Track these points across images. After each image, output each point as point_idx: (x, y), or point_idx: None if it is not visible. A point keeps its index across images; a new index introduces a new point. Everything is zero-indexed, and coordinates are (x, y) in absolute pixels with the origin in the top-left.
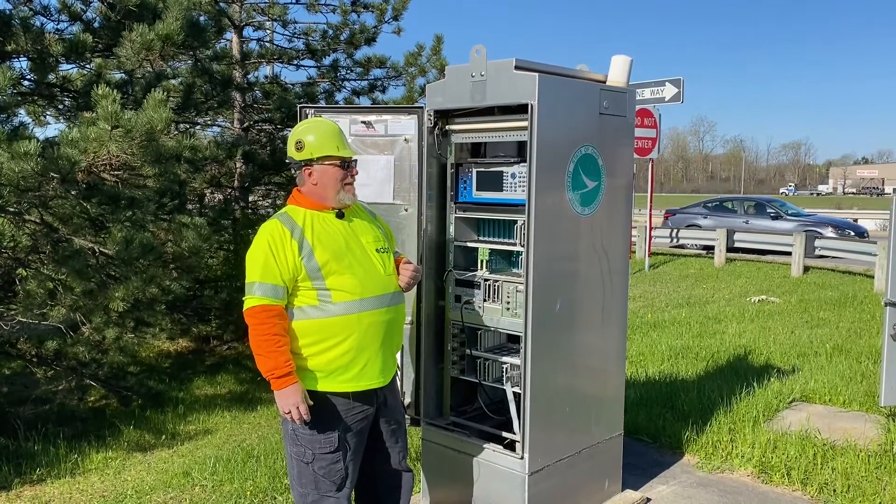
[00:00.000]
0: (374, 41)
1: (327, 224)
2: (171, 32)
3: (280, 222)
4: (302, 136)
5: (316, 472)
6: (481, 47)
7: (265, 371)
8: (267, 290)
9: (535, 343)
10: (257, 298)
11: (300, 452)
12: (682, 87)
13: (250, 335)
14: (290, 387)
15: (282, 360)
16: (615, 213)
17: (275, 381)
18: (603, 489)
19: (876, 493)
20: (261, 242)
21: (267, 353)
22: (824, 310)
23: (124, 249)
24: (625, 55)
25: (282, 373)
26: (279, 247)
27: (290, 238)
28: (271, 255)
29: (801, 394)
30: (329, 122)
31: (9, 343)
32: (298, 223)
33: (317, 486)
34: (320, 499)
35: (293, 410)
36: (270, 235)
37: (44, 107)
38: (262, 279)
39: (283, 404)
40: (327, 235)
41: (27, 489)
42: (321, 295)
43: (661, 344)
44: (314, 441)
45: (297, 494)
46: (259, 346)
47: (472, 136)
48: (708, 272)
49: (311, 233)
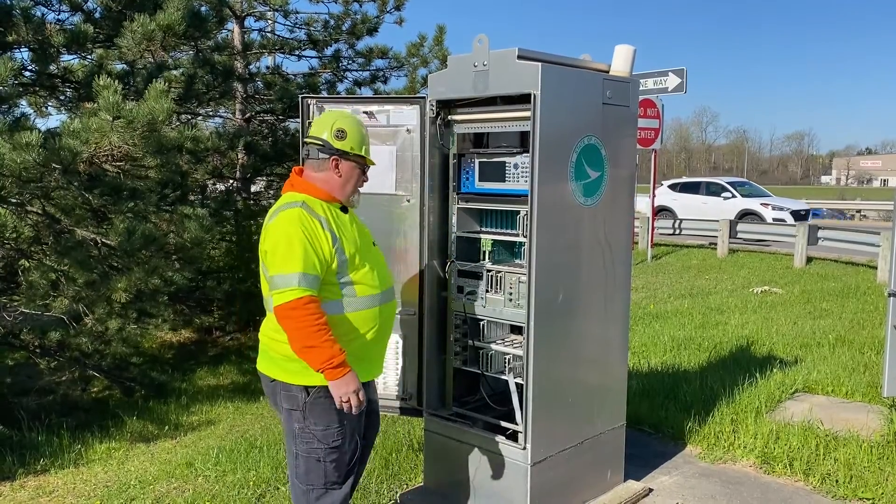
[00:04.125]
0: (376, 31)
1: (340, 217)
2: (172, 23)
3: (305, 212)
4: (346, 126)
5: (326, 468)
6: (484, 37)
7: (320, 362)
8: (311, 281)
9: (537, 333)
10: (303, 289)
11: (310, 450)
12: (685, 77)
13: (297, 328)
14: (348, 374)
15: (336, 349)
16: (618, 204)
17: (332, 371)
18: (605, 479)
19: (878, 483)
20: (295, 232)
21: (321, 343)
22: (827, 300)
23: (126, 240)
24: (628, 45)
25: (339, 362)
26: (314, 237)
27: (321, 228)
28: (310, 246)
29: (803, 385)
30: (362, 123)
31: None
32: (320, 213)
33: (325, 480)
34: (325, 492)
35: (352, 397)
36: (303, 225)
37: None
38: (306, 270)
39: (342, 392)
40: (346, 228)
41: (31, 479)
42: (345, 289)
43: (663, 335)
44: (327, 435)
45: (299, 492)
46: (311, 338)
47: (475, 127)
48: (710, 263)
49: (335, 225)
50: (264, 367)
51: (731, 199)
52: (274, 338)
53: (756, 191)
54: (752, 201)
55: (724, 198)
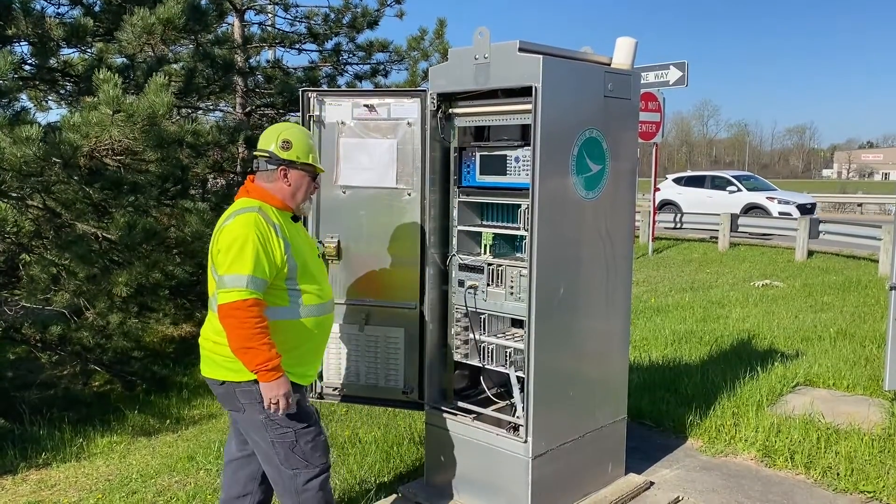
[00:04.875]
0: (377, 25)
1: (290, 225)
2: (172, 16)
3: (261, 217)
4: (291, 137)
5: (303, 448)
6: (485, 29)
7: (256, 363)
8: (259, 284)
9: (538, 327)
10: (249, 291)
11: (282, 434)
12: (686, 70)
13: (237, 327)
14: (281, 378)
15: (273, 353)
16: (619, 197)
17: (266, 374)
18: (606, 473)
19: (879, 476)
20: (248, 235)
21: (259, 346)
22: (828, 294)
23: (127, 234)
24: (629, 37)
25: (274, 365)
26: (267, 242)
27: (275, 234)
28: (262, 250)
29: (804, 378)
30: (309, 133)
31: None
32: (274, 220)
33: (308, 460)
34: (312, 478)
35: (281, 400)
36: (257, 228)
37: (45, 92)
38: (255, 273)
39: (271, 395)
40: (297, 237)
41: (33, 473)
42: (292, 295)
43: (664, 328)
44: (293, 418)
45: (285, 477)
46: (250, 340)
47: (476, 120)
48: (712, 257)
49: (286, 232)
50: (209, 371)
51: (736, 193)
52: (217, 341)
53: (761, 184)
54: (758, 195)
55: (730, 192)
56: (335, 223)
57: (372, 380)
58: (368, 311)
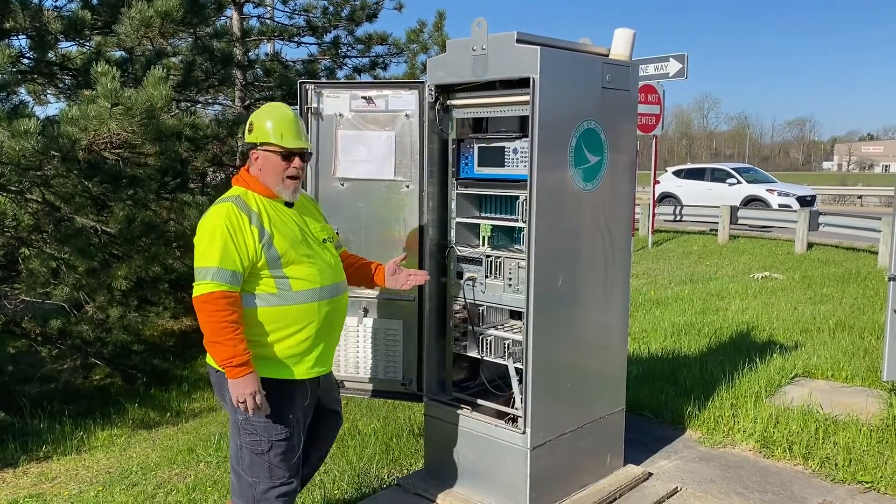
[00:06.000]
0: (376, 17)
1: (280, 212)
2: (170, 9)
3: (235, 206)
4: (254, 118)
5: (271, 461)
6: (482, 20)
7: (221, 359)
8: (226, 276)
9: (536, 319)
10: (215, 284)
11: (254, 441)
12: (686, 62)
13: (205, 321)
14: (248, 376)
15: (240, 349)
16: (618, 189)
17: (232, 370)
18: (605, 464)
19: (877, 466)
20: (217, 226)
21: (225, 340)
22: (828, 286)
23: (126, 228)
24: (628, 28)
25: (240, 361)
26: (238, 232)
27: (248, 223)
28: (230, 240)
29: (803, 369)
30: (285, 109)
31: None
32: (253, 209)
33: (270, 474)
34: (272, 488)
35: (248, 399)
36: (228, 219)
37: (44, 85)
38: (222, 265)
39: (238, 393)
40: (283, 224)
41: (33, 466)
42: (280, 283)
43: (663, 320)
44: (270, 428)
45: (243, 484)
46: (217, 334)
47: (474, 111)
48: (711, 249)
49: (267, 220)
50: (209, 358)
51: (736, 186)
52: None
53: (761, 177)
54: (758, 187)
55: (730, 184)
56: (333, 215)
57: (371, 372)
58: (367, 304)
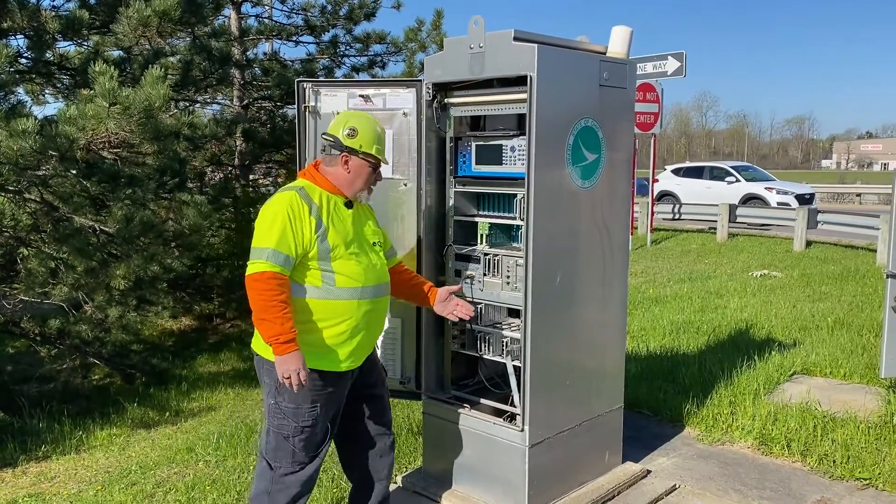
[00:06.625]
0: (374, 16)
1: (339, 209)
2: (167, 8)
3: (299, 195)
4: (358, 125)
5: (295, 446)
6: (479, 18)
7: (269, 336)
8: (280, 258)
9: (535, 317)
10: (269, 264)
11: (282, 425)
12: (684, 60)
13: (255, 299)
14: (293, 353)
15: (287, 327)
16: (615, 187)
17: (279, 347)
18: (603, 461)
19: (875, 463)
20: (280, 211)
21: (273, 318)
22: (826, 284)
23: (125, 227)
24: (625, 26)
25: (286, 339)
26: (297, 220)
27: (307, 213)
28: (290, 226)
29: (802, 367)
30: (380, 125)
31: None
32: (315, 201)
33: (293, 458)
34: (290, 473)
35: (293, 376)
36: (290, 206)
37: (42, 85)
38: (278, 247)
39: (283, 369)
40: (339, 220)
41: (33, 465)
42: (325, 277)
43: (662, 319)
44: (298, 414)
45: (264, 468)
46: (266, 311)
47: (471, 110)
48: (710, 247)
49: (326, 214)
50: (254, 344)
51: (735, 184)
52: None
53: (760, 175)
54: (757, 185)
55: (728, 182)
56: None
57: None
58: None
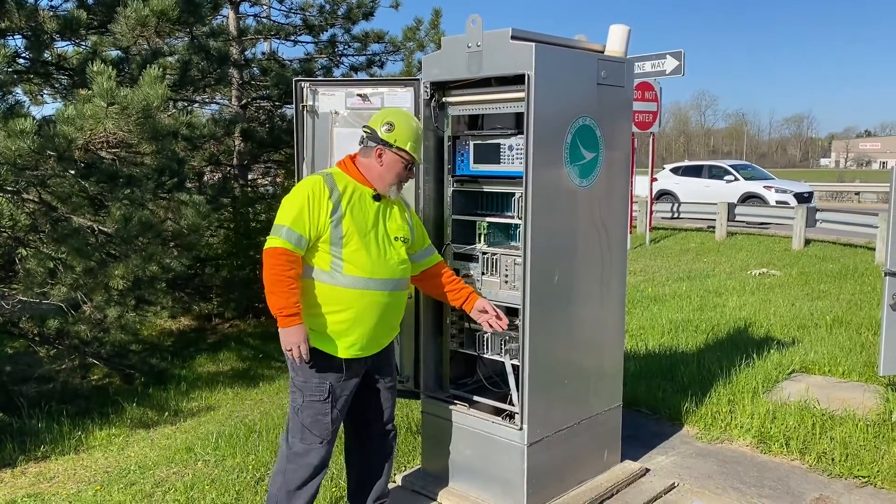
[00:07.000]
0: (372, 16)
1: (364, 199)
2: (165, 8)
3: (323, 180)
4: (396, 121)
5: (304, 422)
6: (477, 17)
7: (275, 308)
8: (293, 236)
9: (533, 316)
10: (283, 241)
11: (294, 398)
12: (682, 59)
13: (266, 272)
14: (296, 326)
15: (292, 301)
16: (614, 185)
17: (283, 319)
18: (602, 460)
19: (874, 461)
20: (301, 192)
21: (279, 291)
22: (825, 282)
23: (123, 227)
24: (623, 24)
25: (290, 312)
26: (316, 202)
27: (327, 198)
28: (307, 207)
29: (800, 365)
30: (419, 123)
31: (11, 322)
32: (339, 187)
33: (302, 436)
34: (305, 452)
35: (294, 348)
36: (311, 189)
37: (40, 85)
38: (293, 226)
39: (286, 342)
40: (360, 210)
41: (32, 466)
42: (334, 262)
43: (661, 317)
44: (307, 387)
45: (281, 449)
46: (274, 285)
47: (469, 109)
48: (709, 246)
49: (347, 201)
50: None
51: (733, 182)
52: None
53: (759, 174)
54: (756, 184)
55: (727, 181)
56: None
57: None
58: None
